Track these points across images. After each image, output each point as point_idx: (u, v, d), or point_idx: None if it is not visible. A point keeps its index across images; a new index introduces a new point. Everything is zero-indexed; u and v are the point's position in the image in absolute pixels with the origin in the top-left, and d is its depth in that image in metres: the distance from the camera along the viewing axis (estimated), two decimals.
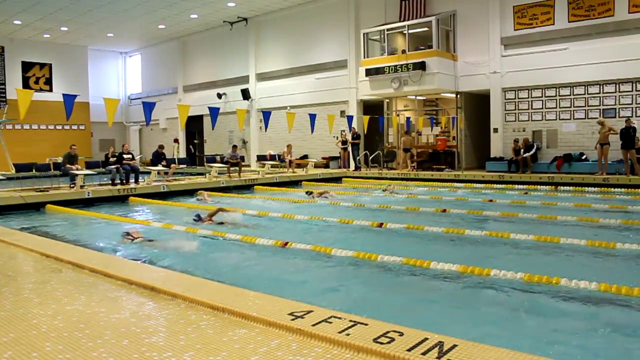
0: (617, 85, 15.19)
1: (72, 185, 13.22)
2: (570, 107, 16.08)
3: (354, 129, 19.05)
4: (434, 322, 3.97)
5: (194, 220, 9.09)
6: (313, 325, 3.12)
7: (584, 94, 15.77)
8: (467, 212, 9.68)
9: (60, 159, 15.62)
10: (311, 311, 3.37)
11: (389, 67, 18.16)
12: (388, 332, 2.98)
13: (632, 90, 14.97)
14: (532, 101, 16.85)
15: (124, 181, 13.98)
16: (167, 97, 29.03)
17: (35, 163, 16.76)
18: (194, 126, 27.33)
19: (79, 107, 24.47)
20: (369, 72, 18.75)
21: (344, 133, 20.12)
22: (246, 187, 15.39)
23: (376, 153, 18.59)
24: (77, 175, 13.01)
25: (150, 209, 11.63)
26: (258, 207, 11.04)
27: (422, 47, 18.06)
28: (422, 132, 20.72)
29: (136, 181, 14.43)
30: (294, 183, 16.56)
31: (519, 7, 16.84)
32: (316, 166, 20.07)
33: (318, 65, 22.16)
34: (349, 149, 19.70)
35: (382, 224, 8.39)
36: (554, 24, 16.17)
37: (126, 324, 3.37)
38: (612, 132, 14.01)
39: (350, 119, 19.07)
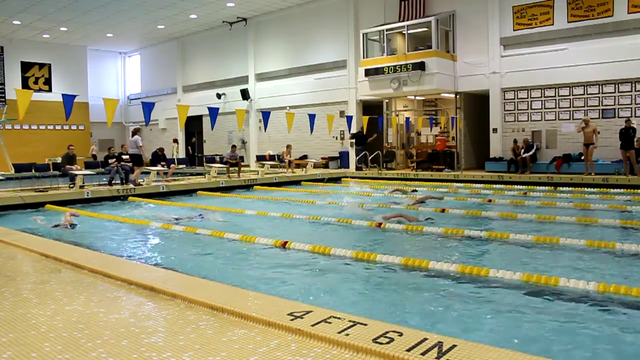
0: (617, 86, 15.20)
1: (71, 186, 13.23)
2: (570, 107, 16.08)
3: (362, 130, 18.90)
4: (433, 322, 3.98)
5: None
6: (312, 325, 3.12)
7: (583, 94, 15.78)
8: (466, 213, 9.68)
9: (59, 159, 15.63)
10: (310, 311, 3.38)
11: (388, 67, 18.15)
12: (387, 332, 2.98)
13: (631, 91, 14.98)
14: (531, 101, 16.85)
15: (123, 181, 13.97)
16: (166, 97, 29.02)
17: (34, 163, 16.73)
18: (193, 126, 27.32)
19: (78, 107, 24.47)
20: (368, 73, 18.74)
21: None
22: (245, 187, 15.39)
23: (375, 153, 18.58)
24: (76, 175, 13.02)
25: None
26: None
27: (421, 48, 18.08)
28: (421, 133, 20.75)
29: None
30: (293, 183, 16.55)
31: (518, 8, 16.84)
32: (315, 166, 20.06)
33: (317, 65, 22.15)
34: (354, 148, 19.58)
35: (380, 224, 8.39)
36: (553, 24, 16.18)
37: (125, 324, 3.37)
38: (596, 132, 14.09)
39: (349, 119, 19.07)
